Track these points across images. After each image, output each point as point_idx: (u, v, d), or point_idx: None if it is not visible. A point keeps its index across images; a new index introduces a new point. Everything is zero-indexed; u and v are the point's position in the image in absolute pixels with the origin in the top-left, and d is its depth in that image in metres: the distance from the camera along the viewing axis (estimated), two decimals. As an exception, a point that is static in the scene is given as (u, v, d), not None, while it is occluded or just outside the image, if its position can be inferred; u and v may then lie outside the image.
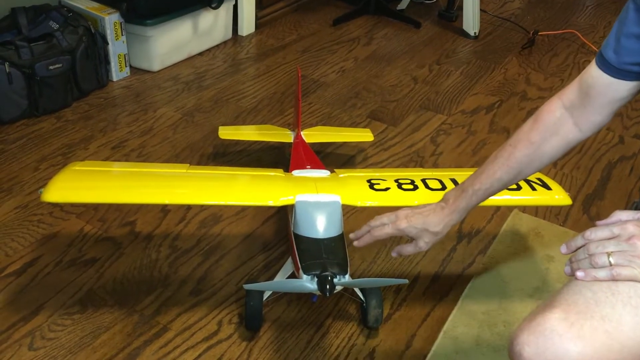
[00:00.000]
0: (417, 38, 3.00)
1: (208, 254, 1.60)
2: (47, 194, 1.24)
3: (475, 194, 1.10)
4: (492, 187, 1.09)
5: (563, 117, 1.01)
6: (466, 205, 1.12)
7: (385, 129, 2.23)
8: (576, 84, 0.99)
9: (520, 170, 1.06)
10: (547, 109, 1.03)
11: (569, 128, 1.01)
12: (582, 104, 0.98)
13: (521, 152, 1.04)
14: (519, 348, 0.80)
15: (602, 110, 0.97)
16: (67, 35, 2.16)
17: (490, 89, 2.56)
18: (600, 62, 0.93)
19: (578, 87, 0.99)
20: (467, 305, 1.48)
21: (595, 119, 0.99)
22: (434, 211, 1.14)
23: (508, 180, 1.08)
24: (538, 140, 1.03)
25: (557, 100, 1.02)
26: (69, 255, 1.57)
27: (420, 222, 1.14)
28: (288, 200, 1.29)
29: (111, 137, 2.09)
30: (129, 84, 2.43)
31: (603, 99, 0.96)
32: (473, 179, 1.10)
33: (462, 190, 1.12)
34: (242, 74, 2.57)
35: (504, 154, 1.06)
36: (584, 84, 0.97)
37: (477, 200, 1.11)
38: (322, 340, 1.38)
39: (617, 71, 0.91)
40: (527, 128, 1.04)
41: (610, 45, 0.91)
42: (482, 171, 1.09)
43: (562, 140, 1.02)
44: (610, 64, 0.91)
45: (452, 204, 1.13)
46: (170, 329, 1.38)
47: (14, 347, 1.32)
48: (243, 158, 2.01)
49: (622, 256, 0.81)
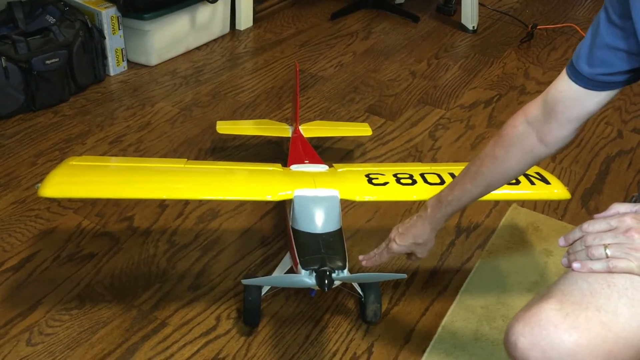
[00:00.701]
0: (415, 32, 2.99)
1: (206, 249, 1.60)
2: (45, 188, 1.24)
3: (449, 204, 1.15)
4: (463, 198, 1.13)
5: (526, 132, 1.01)
6: (441, 215, 1.17)
7: (384, 123, 2.22)
8: (540, 99, 0.99)
9: (488, 184, 1.10)
10: (510, 124, 1.03)
11: (532, 143, 1.01)
12: (547, 119, 0.98)
13: (487, 167, 1.07)
14: (514, 338, 0.80)
15: (568, 125, 0.97)
16: (64, 30, 2.15)
17: (489, 83, 2.55)
18: (572, 74, 0.93)
19: (542, 103, 0.99)
20: (465, 300, 1.48)
21: (561, 134, 0.98)
22: (415, 225, 1.21)
23: (478, 193, 1.12)
24: (502, 155, 1.04)
25: (521, 116, 1.02)
26: (66, 251, 1.56)
27: (407, 240, 1.22)
28: (286, 195, 1.29)
29: (109, 132, 2.08)
30: (127, 78, 2.42)
31: (570, 113, 0.95)
32: (448, 190, 1.16)
33: (438, 201, 1.17)
34: (240, 68, 2.56)
35: (473, 167, 1.10)
36: (550, 99, 0.97)
37: (451, 210, 1.16)
38: (321, 335, 1.38)
39: (589, 82, 0.91)
40: (492, 142, 1.07)
41: (583, 57, 0.90)
42: (456, 182, 1.14)
43: (526, 155, 1.03)
44: (582, 75, 0.91)
45: (429, 214, 1.18)
46: (169, 324, 1.38)
47: (11, 343, 1.32)
48: (241, 153, 2.01)
49: (618, 248, 0.81)
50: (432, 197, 1.19)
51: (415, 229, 1.21)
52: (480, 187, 1.10)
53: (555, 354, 0.77)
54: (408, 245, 1.22)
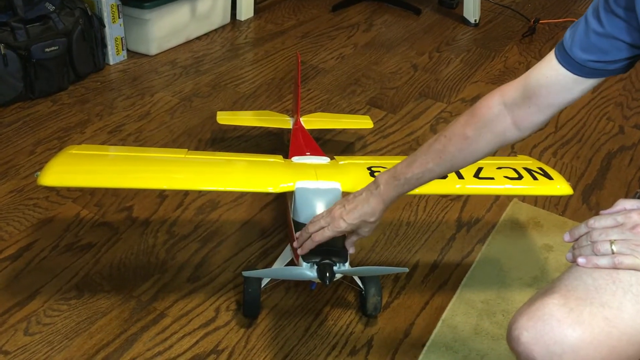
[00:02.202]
0: (417, 25, 2.97)
1: (206, 240, 1.59)
2: (44, 177, 1.22)
3: (407, 182, 1.08)
4: (423, 177, 1.07)
5: (501, 114, 0.98)
6: (396, 193, 1.10)
7: (385, 116, 2.21)
8: (520, 82, 0.96)
9: (452, 164, 1.05)
10: (485, 104, 0.99)
11: (506, 126, 0.98)
12: (525, 103, 0.95)
13: (455, 146, 1.02)
14: (517, 333, 0.80)
15: (547, 110, 0.95)
16: (64, 17, 2.13)
17: (491, 77, 2.54)
18: (563, 59, 0.90)
19: (522, 86, 0.96)
20: (466, 294, 1.48)
21: (538, 119, 0.96)
22: (367, 201, 1.12)
23: (440, 172, 1.07)
24: (472, 135, 1.00)
25: (498, 96, 0.99)
26: (65, 240, 1.55)
27: (356, 218, 1.12)
28: (288, 186, 1.28)
29: (108, 121, 2.07)
30: (126, 67, 2.40)
31: (553, 99, 0.93)
32: (405, 167, 1.08)
33: (394, 178, 1.09)
34: (240, 59, 2.54)
35: (438, 145, 1.04)
36: (532, 83, 0.94)
37: (408, 189, 1.10)
38: (321, 327, 1.37)
39: (580, 68, 0.89)
40: (462, 121, 1.01)
41: (577, 42, 0.88)
42: (415, 159, 1.07)
43: (497, 138, 1.00)
44: (574, 61, 0.89)
45: (382, 191, 1.10)
46: (168, 315, 1.37)
47: (9, 332, 1.31)
48: (241, 144, 1.99)
49: (625, 245, 0.80)
50: (385, 173, 1.11)
51: (367, 206, 1.12)
52: (443, 167, 1.05)
53: (559, 348, 0.76)
54: (356, 223, 1.13)
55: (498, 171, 1.41)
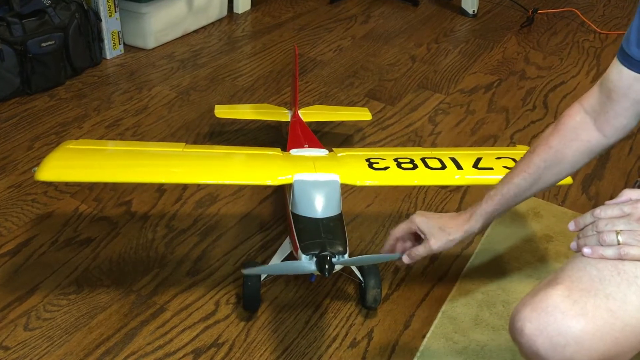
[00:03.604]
0: (415, 16, 2.96)
1: (205, 234, 1.59)
2: (41, 172, 1.22)
3: (490, 198, 1.06)
4: (509, 192, 1.04)
5: (584, 122, 0.98)
6: (481, 211, 1.07)
7: (383, 108, 2.20)
8: (596, 88, 0.98)
9: (538, 177, 1.02)
10: (567, 114, 1.01)
11: (590, 133, 0.98)
12: (603, 108, 0.96)
13: (539, 156, 1.01)
14: (521, 324, 0.79)
15: (626, 112, 0.94)
16: (60, 12, 2.12)
17: (489, 68, 2.53)
18: (624, 59, 0.91)
19: (598, 91, 0.97)
20: (465, 285, 1.48)
21: (620, 123, 0.96)
22: (452, 217, 1.11)
23: (526, 187, 1.03)
24: (557, 144, 1.00)
25: (578, 106, 1.00)
26: (64, 235, 1.55)
27: (435, 219, 1.11)
28: (286, 179, 1.28)
29: (105, 115, 2.06)
30: (123, 62, 2.39)
31: (626, 101, 0.93)
32: (491, 188, 1.08)
33: (486, 199, 1.08)
34: (238, 52, 2.53)
35: (524, 160, 1.04)
36: (604, 88, 0.96)
37: (493, 206, 1.06)
38: (321, 320, 1.37)
39: None
40: (547, 133, 1.02)
41: (633, 40, 0.88)
42: (502, 179, 1.06)
43: (583, 146, 0.99)
44: (634, 59, 0.89)
45: (469, 210, 1.09)
46: (167, 309, 1.37)
47: (9, 327, 1.31)
48: (240, 137, 1.99)
49: (631, 235, 0.80)
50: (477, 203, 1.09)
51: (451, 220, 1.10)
52: (529, 180, 1.02)
53: (562, 340, 0.76)
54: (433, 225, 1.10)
55: (497, 161, 1.40)
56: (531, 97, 2.34)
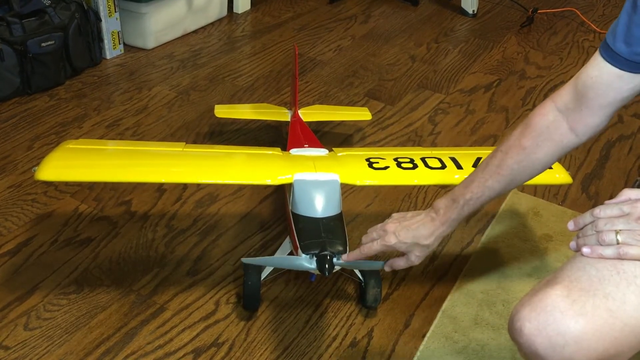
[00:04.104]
0: (414, 16, 2.96)
1: (205, 233, 1.59)
2: (41, 172, 1.22)
3: (466, 204, 1.05)
4: (483, 195, 1.04)
5: (557, 121, 0.96)
6: (457, 216, 1.07)
7: (383, 107, 2.20)
8: (571, 85, 0.95)
9: (512, 178, 1.01)
10: (539, 112, 0.98)
11: (563, 132, 0.96)
12: (578, 106, 0.94)
13: (512, 158, 0.99)
14: (520, 324, 0.79)
15: (600, 112, 0.93)
16: (59, 12, 2.12)
17: (489, 68, 2.53)
18: (607, 55, 0.88)
19: (573, 89, 0.94)
20: (465, 285, 1.48)
21: (593, 122, 0.94)
22: (424, 223, 1.09)
23: (500, 189, 1.03)
24: (530, 145, 0.98)
25: (550, 103, 0.97)
26: (64, 235, 1.55)
27: (409, 237, 1.09)
28: (286, 179, 1.28)
29: (105, 115, 2.06)
30: (123, 61, 2.39)
31: (603, 99, 0.91)
32: (464, 188, 1.05)
33: (452, 201, 1.06)
34: (237, 52, 2.53)
35: (495, 161, 1.01)
36: (581, 86, 0.93)
37: (468, 210, 1.06)
38: (321, 319, 1.37)
39: (626, 63, 0.87)
40: (517, 133, 0.99)
41: (620, 36, 0.86)
42: (473, 179, 1.04)
43: (556, 146, 0.98)
44: (620, 56, 0.87)
45: (442, 215, 1.07)
46: (168, 309, 1.37)
47: (9, 327, 1.31)
48: (240, 137, 1.99)
49: (630, 235, 0.80)
50: (443, 198, 1.08)
51: (424, 228, 1.08)
52: (503, 183, 1.02)
53: (561, 340, 0.76)
54: (409, 243, 1.09)
55: (497, 161, 1.40)
56: (531, 96, 2.34)
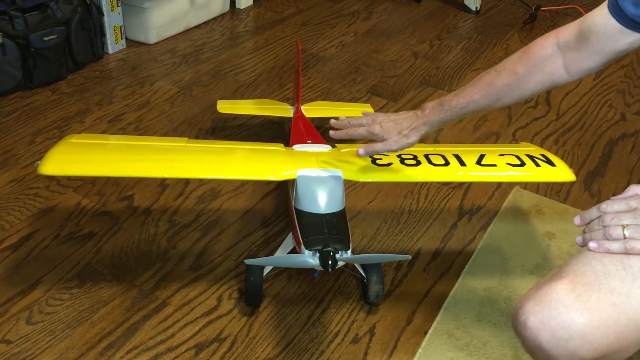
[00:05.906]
0: (417, 12, 2.95)
1: (207, 229, 1.59)
2: (44, 166, 1.22)
3: (450, 109, 1.12)
4: (467, 107, 1.10)
5: (554, 55, 1.00)
6: (439, 118, 1.14)
7: (386, 104, 2.20)
8: (576, 26, 0.98)
9: (498, 98, 1.07)
10: (540, 43, 1.02)
11: (557, 68, 1.00)
12: (577, 47, 0.97)
13: (503, 81, 1.04)
14: (524, 318, 0.79)
15: (597, 57, 0.97)
16: (62, 6, 2.11)
17: (492, 65, 2.49)
18: (615, 11, 0.91)
19: (577, 30, 0.98)
20: (467, 282, 1.48)
21: (587, 66, 0.98)
22: (408, 118, 1.17)
23: (485, 105, 1.09)
24: (523, 72, 1.02)
25: (553, 37, 1.01)
26: (66, 229, 1.55)
27: (392, 127, 1.17)
28: (289, 174, 1.27)
29: (107, 110, 2.06)
30: (125, 56, 2.39)
31: (602, 46, 0.95)
32: (453, 96, 1.12)
33: (439, 104, 1.13)
34: (240, 47, 2.53)
35: (487, 78, 1.07)
36: (585, 28, 0.96)
37: (450, 116, 1.13)
38: (323, 315, 1.37)
39: (629, 22, 0.90)
40: (515, 58, 1.04)
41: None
42: (464, 89, 1.10)
43: (547, 78, 1.02)
44: (625, 14, 0.90)
45: (427, 114, 1.15)
46: (170, 304, 1.37)
47: (11, 322, 1.31)
48: (242, 132, 1.99)
49: (637, 230, 0.80)
50: (432, 102, 1.16)
51: (406, 122, 1.16)
52: (488, 100, 1.08)
53: (565, 334, 0.76)
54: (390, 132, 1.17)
55: (500, 158, 1.40)
56: (534, 94, 2.33)
